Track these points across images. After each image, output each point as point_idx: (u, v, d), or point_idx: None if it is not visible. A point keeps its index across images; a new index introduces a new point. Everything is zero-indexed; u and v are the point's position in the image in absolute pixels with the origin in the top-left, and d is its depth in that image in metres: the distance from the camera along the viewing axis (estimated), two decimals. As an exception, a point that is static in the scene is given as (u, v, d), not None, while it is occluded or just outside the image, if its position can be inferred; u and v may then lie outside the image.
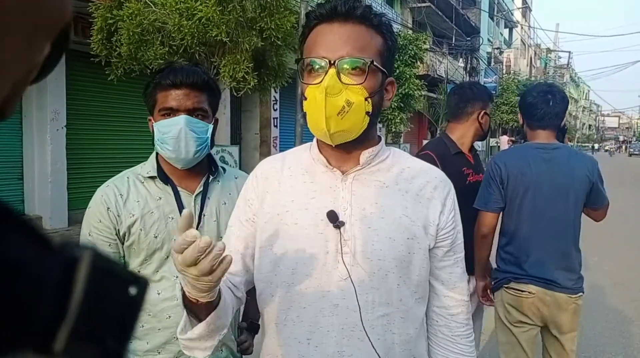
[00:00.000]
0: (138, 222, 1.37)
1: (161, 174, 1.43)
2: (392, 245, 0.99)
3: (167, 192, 1.42)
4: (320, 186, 1.03)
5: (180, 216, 1.37)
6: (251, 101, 10.32)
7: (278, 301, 1.02)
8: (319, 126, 0.95)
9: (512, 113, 23.52)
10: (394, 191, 1.03)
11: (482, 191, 2.22)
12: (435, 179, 1.08)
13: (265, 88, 6.05)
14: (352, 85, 0.94)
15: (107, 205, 1.37)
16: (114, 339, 0.24)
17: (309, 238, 1.00)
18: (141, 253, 1.38)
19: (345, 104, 0.93)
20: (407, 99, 11.50)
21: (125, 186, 1.41)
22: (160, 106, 1.38)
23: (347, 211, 1.00)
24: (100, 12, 5.01)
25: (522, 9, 38.56)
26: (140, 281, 0.26)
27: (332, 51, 0.94)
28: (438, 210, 1.05)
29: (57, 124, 6.70)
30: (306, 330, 1.00)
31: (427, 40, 12.37)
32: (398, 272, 1.00)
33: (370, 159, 1.04)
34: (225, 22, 4.74)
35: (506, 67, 31.13)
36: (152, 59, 4.87)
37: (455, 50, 22.17)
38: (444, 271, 1.09)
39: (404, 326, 1.03)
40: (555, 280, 2.11)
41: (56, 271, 0.22)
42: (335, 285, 0.98)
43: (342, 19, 0.96)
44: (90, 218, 1.39)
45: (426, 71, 16.75)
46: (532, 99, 2.20)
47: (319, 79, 0.94)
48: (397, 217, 1.01)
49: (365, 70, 0.95)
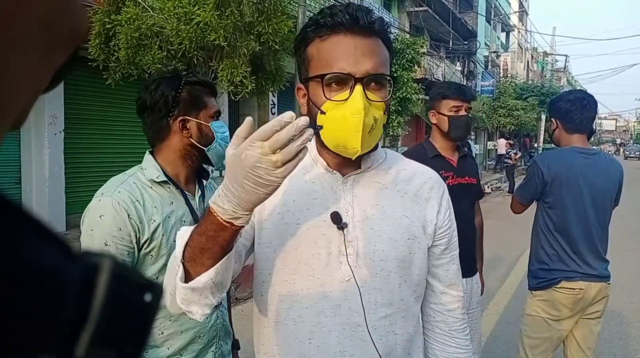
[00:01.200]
0: (160, 227, 1.37)
1: (169, 178, 1.45)
2: (393, 246, 1.01)
3: (177, 196, 1.45)
4: (322, 187, 1.04)
5: (192, 219, 1.40)
6: (249, 105, 10.32)
7: (278, 300, 1.03)
8: (350, 145, 0.93)
9: (509, 116, 23.59)
10: (393, 192, 1.05)
11: (524, 184, 2.51)
12: (431, 179, 1.11)
13: (264, 92, 6.06)
14: (376, 102, 0.94)
15: (127, 212, 1.33)
16: (131, 344, 0.25)
17: (311, 238, 1.00)
18: (161, 258, 1.38)
19: (373, 122, 0.93)
20: (404, 102, 11.52)
21: (138, 192, 1.39)
22: (213, 109, 1.51)
23: (350, 213, 1.01)
24: (98, 17, 5.02)
25: (518, 13, 38.70)
26: (155, 287, 0.26)
27: (355, 65, 0.92)
28: (435, 210, 1.07)
29: (55, 129, 6.69)
30: (307, 330, 1.00)
31: (424, 44, 12.39)
32: (400, 272, 1.01)
33: (370, 163, 1.06)
34: (223, 27, 4.75)
35: (503, 70, 31.19)
36: (150, 63, 4.88)
37: (453, 54, 22.23)
38: (441, 269, 1.11)
39: (405, 325, 1.04)
40: (597, 273, 2.33)
41: (78, 277, 0.23)
42: (337, 286, 0.99)
43: (362, 31, 0.94)
44: (106, 227, 1.32)
45: (424, 74, 16.78)
46: (570, 105, 2.38)
47: (341, 94, 0.93)
48: (397, 218, 1.02)
49: (385, 85, 0.96)
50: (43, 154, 6.62)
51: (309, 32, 0.98)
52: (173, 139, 1.46)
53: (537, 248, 2.43)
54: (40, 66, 0.25)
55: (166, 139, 1.46)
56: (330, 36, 0.95)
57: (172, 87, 1.44)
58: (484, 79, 25.08)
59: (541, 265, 2.39)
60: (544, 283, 2.37)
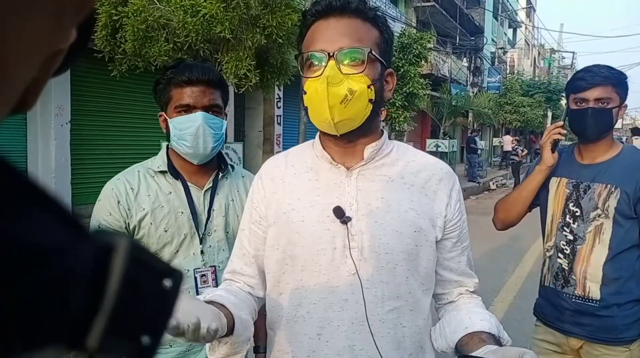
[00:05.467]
0: (148, 216, 1.38)
1: (171, 169, 1.44)
2: (399, 239, 1.00)
3: (177, 187, 1.44)
4: (325, 183, 1.04)
5: (189, 212, 1.39)
6: (255, 98, 10.32)
7: (288, 298, 1.03)
8: (322, 116, 0.96)
9: (515, 113, 23.48)
10: (399, 185, 1.04)
11: None
12: (441, 171, 1.09)
13: (269, 86, 6.04)
14: (352, 74, 0.95)
15: (117, 198, 1.38)
16: (148, 334, 0.23)
17: (316, 234, 1.00)
18: (150, 247, 1.37)
19: (347, 93, 0.94)
20: (411, 97, 11.49)
21: (136, 179, 1.42)
22: (176, 102, 1.39)
23: (354, 207, 1.01)
24: (104, 9, 5.01)
25: (526, 9, 38.43)
26: (175, 274, 0.24)
27: (330, 43, 0.96)
28: (444, 202, 1.06)
29: (62, 120, 6.72)
30: (316, 326, 1.01)
31: (431, 40, 12.33)
32: (406, 265, 1.01)
33: (374, 154, 1.04)
34: (229, 19, 4.73)
35: (510, 67, 31.03)
36: (157, 55, 4.87)
37: (459, 49, 22.12)
38: (453, 262, 1.10)
39: (413, 318, 1.04)
40: None
41: (90, 260, 0.20)
42: (344, 280, 0.99)
43: (337, 13, 0.98)
44: (99, 211, 1.39)
45: (430, 70, 16.71)
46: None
47: (318, 72, 0.96)
48: (403, 211, 1.01)
49: (364, 60, 0.96)
50: (49, 145, 6.65)
51: (301, 27, 1.04)
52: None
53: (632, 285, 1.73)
54: (50, 33, 0.23)
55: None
56: (313, 24, 1.01)
57: (158, 80, 1.44)
58: (490, 75, 24.94)
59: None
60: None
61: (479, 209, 12.16)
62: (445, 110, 16.22)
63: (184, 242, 1.42)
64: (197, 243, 1.43)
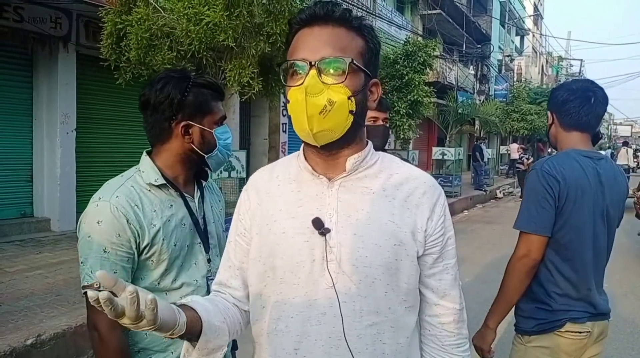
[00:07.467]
0: (161, 232, 1.34)
1: (168, 181, 1.41)
2: (378, 252, 0.97)
3: (176, 198, 1.42)
4: (307, 194, 1.02)
5: (191, 222, 1.40)
6: (260, 106, 10.36)
7: (269, 311, 1.02)
8: (302, 126, 0.94)
9: (522, 121, 23.39)
10: (380, 197, 1.01)
11: (532, 208, 1.78)
12: (425, 184, 1.05)
13: (274, 94, 6.05)
14: (333, 84, 0.93)
15: (125, 217, 1.28)
16: None
17: (295, 246, 0.99)
18: (162, 263, 1.35)
19: (327, 104, 0.92)
20: (416, 105, 11.45)
21: (136, 196, 1.34)
22: (218, 114, 1.45)
23: (333, 218, 0.98)
24: (110, 17, 5.05)
25: (533, 17, 38.40)
26: None
27: (312, 52, 0.94)
28: (426, 216, 1.02)
29: (67, 128, 6.78)
30: (294, 340, 0.99)
31: (437, 47, 12.31)
32: (385, 279, 0.98)
33: (356, 165, 1.02)
34: (233, 27, 4.75)
35: (517, 74, 30.97)
36: (160, 63, 4.89)
37: (466, 57, 22.12)
38: (434, 279, 1.06)
39: (394, 335, 1.00)
40: (602, 309, 1.84)
41: None
42: (322, 293, 0.97)
43: (322, 22, 0.96)
44: (105, 233, 1.27)
45: (436, 77, 16.71)
46: (569, 94, 1.86)
47: (300, 81, 0.94)
48: (383, 223, 0.99)
49: (345, 70, 0.94)
50: (55, 153, 6.70)
51: (288, 36, 1.02)
52: (174, 143, 1.41)
53: (532, 285, 1.83)
54: None
55: (167, 142, 1.41)
56: (297, 33, 0.99)
57: (179, 89, 1.37)
58: (497, 83, 24.91)
59: (539, 304, 1.83)
60: (544, 326, 1.82)
61: (485, 217, 12.06)
62: (452, 118, 16.19)
63: (189, 253, 1.42)
64: (203, 252, 1.45)
